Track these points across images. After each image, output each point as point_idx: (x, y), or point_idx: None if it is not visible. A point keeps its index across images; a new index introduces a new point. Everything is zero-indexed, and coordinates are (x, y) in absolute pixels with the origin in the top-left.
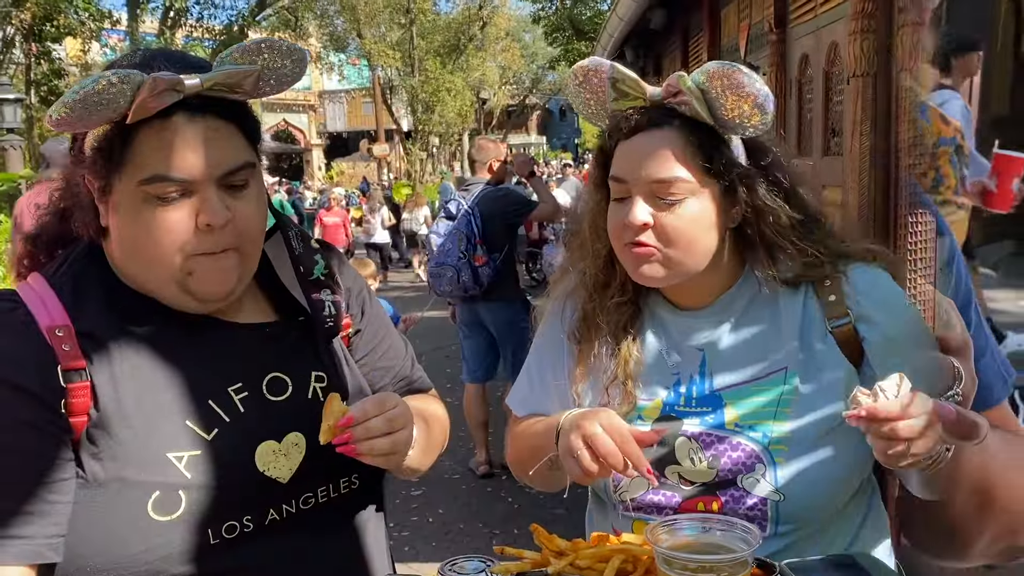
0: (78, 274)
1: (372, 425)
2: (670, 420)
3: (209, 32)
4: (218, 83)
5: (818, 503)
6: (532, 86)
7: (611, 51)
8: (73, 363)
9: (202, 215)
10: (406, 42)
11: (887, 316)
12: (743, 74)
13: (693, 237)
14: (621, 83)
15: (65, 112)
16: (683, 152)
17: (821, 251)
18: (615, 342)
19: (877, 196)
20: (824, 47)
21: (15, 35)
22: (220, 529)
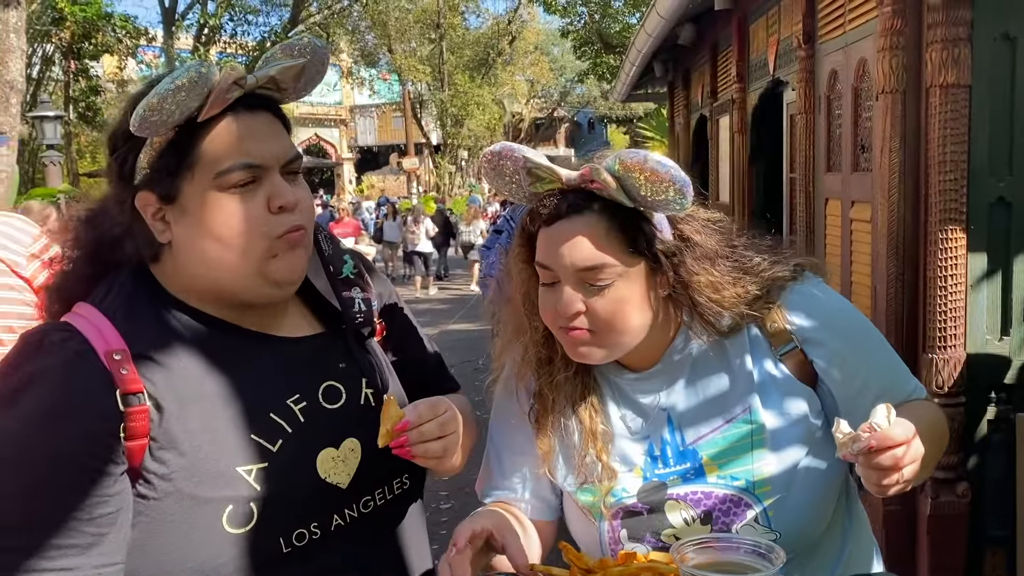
0: (128, 298)
1: (426, 429)
2: (652, 485)
3: (242, 48)
4: (271, 78)
5: (811, 530)
6: (560, 99)
7: (640, 66)
8: (132, 386)
9: (275, 199)
10: (436, 57)
11: (828, 332)
12: (657, 163)
13: (626, 317)
14: (536, 170)
15: (154, 109)
16: (605, 237)
17: (754, 289)
18: (575, 414)
19: (907, 213)
20: (853, 63)
21: (55, 53)
22: (291, 537)
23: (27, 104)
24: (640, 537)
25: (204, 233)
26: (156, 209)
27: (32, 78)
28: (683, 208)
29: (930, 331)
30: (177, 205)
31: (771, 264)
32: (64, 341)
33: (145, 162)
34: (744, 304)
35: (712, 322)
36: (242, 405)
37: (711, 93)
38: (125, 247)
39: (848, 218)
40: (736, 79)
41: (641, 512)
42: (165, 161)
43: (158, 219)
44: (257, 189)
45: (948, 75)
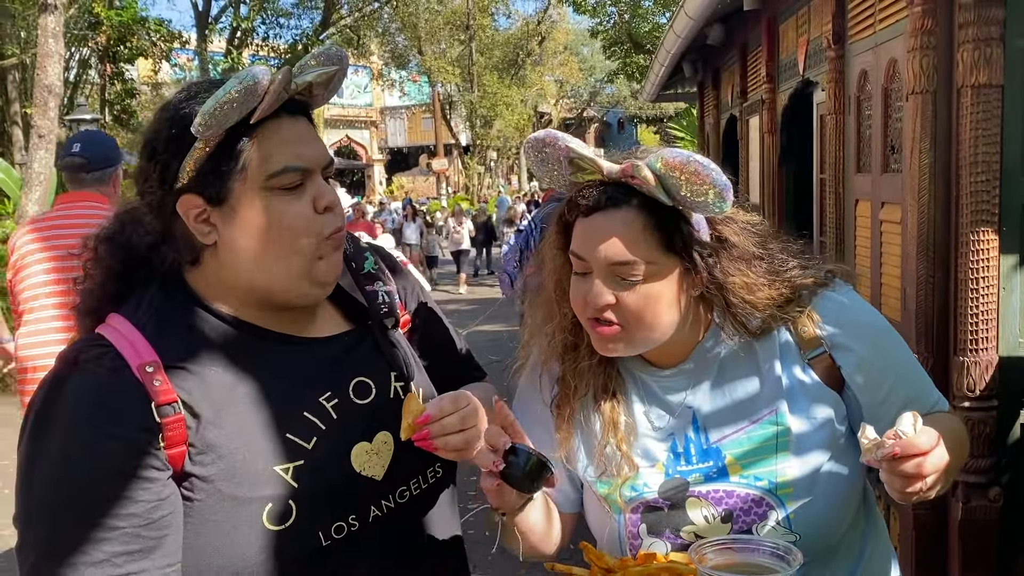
0: (159, 309)
1: (447, 422)
2: (675, 482)
3: (274, 51)
4: (309, 84)
5: (831, 532)
6: (590, 99)
7: (669, 66)
8: (165, 397)
9: (321, 199)
10: (465, 58)
11: (857, 340)
12: (700, 164)
13: (655, 313)
14: (578, 160)
15: (216, 113)
16: (642, 233)
17: (787, 294)
18: (597, 404)
19: (937, 215)
20: (883, 64)
21: (91, 57)
22: (330, 530)
23: (64, 107)
24: (660, 533)
25: (255, 233)
26: (200, 211)
27: (69, 81)
28: (722, 211)
29: (961, 334)
30: (226, 207)
31: (804, 269)
32: (99, 358)
33: (191, 165)
34: (776, 307)
35: (744, 323)
36: (276, 406)
37: (741, 93)
38: (156, 256)
39: (878, 219)
40: (766, 79)
41: (662, 508)
42: (215, 164)
43: (201, 221)
44: (303, 191)
45: (980, 75)
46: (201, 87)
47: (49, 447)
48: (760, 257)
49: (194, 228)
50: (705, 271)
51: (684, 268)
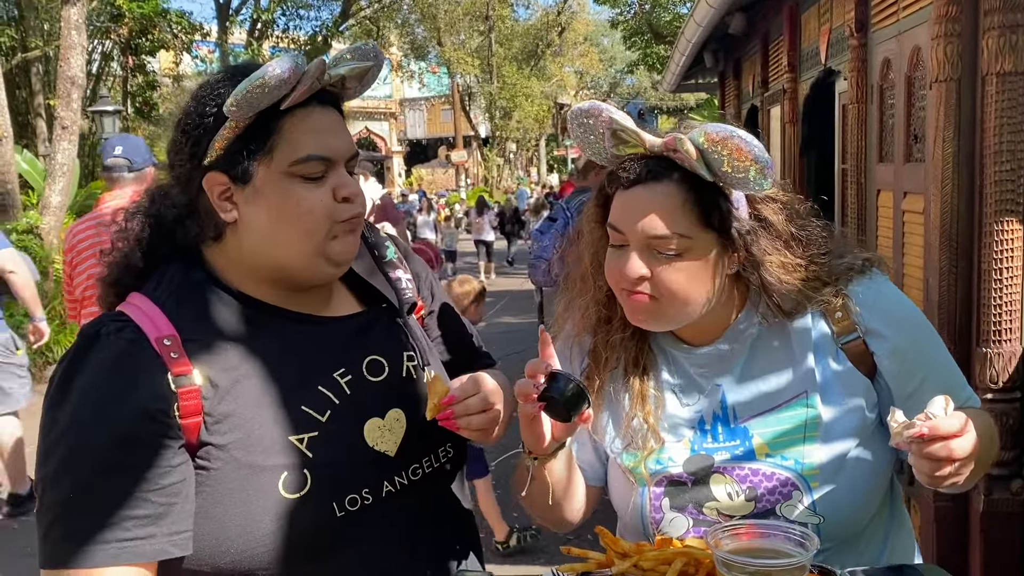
0: (179, 287)
1: (471, 403)
2: (700, 458)
3: (294, 42)
4: (342, 77)
5: (856, 518)
6: (610, 90)
7: (689, 56)
8: (181, 368)
9: (342, 189)
10: (485, 49)
11: (893, 328)
12: (743, 139)
13: (690, 290)
14: (621, 132)
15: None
16: (681, 207)
17: (822, 278)
18: (627, 377)
19: (961, 204)
20: (906, 51)
21: (113, 49)
22: (343, 502)
23: (87, 99)
24: (682, 508)
25: (275, 215)
26: (224, 189)
27: (91, 74)
28: (762, 188)
29: (984, 325)
30: (250, 187)
31: (841, 254)
32: (119, 331)
33: (220, 144)
34: (811, 289)
35: (779, 304)
36: (291, 380)
37: (762, 83)
38: (180, 230)
39: (900, 209)
40: (787, 69)
41: (685, 483)
42: (243, 144)
43: (224, 199)
44: (325, 180)
45: (1005, 62)
46: (239, 69)
47: (65, 413)
48: (798, 239)
49: (217, 205)
50: (742, 249)
51: (721, 245)
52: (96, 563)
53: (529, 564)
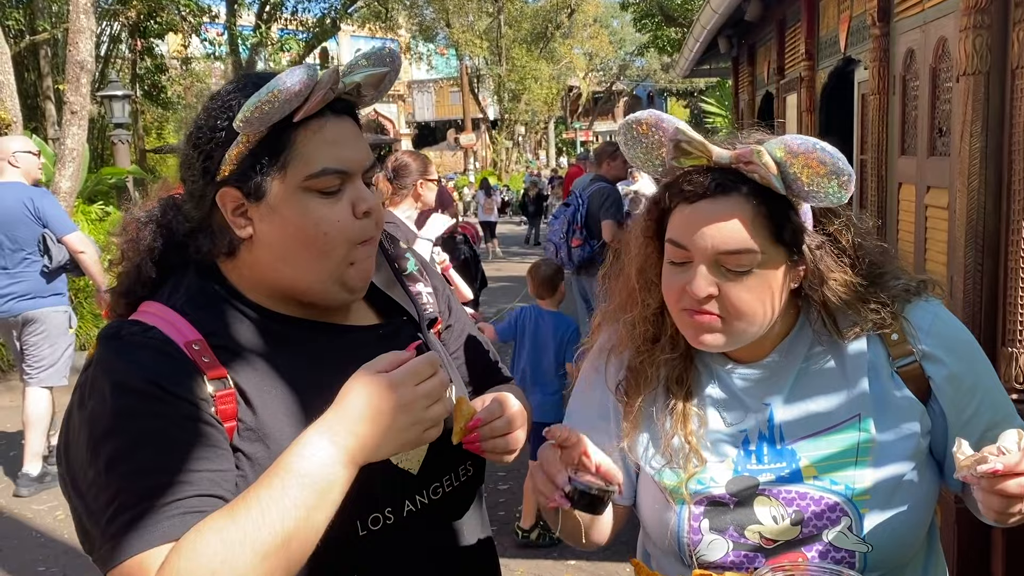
0: (196, 294)
1: (496, 425)
2: (743, 480)
3: (303, 24)
4: (357, 85)
5: (904, 548)
6: (619, 73)
7: (704, 42)
8: (216, 372)
9: (360, 203)
10: (494, 30)
11: (950, 353)
12: (824, 152)
13: (756, 308)
14: (686, 144)
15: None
16: (752, 222)
17: (880, 299)
18: (669, 397)
19: (987, 200)
20: (932, 43)
21: (121, 32)
22: (367, 521)
23: (96, 82)
24: (723, 530)
25: (291, 233)
26: (238, 205)
27: (100, 57)
28: (840, 201)
29: (1010, 324)
30: (264, 203)
31: (896, 275)
32: (144, 331)
33: (233, 159)
34: (870, 309)
35: (836, 322)
36: (314, 392)
37: (778, 70)
38: (193, 244)
39: (923, 204)
40: (805, 56)
41: (727, 504)
42: (255, 159)
43: (239, 215)
44: (342, 195)
45: None
46: (251, 80)
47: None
48: (860, 257)
49: (231, 221)
50: (812, 264)
51: (790, 260)
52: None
53: (541, 558)
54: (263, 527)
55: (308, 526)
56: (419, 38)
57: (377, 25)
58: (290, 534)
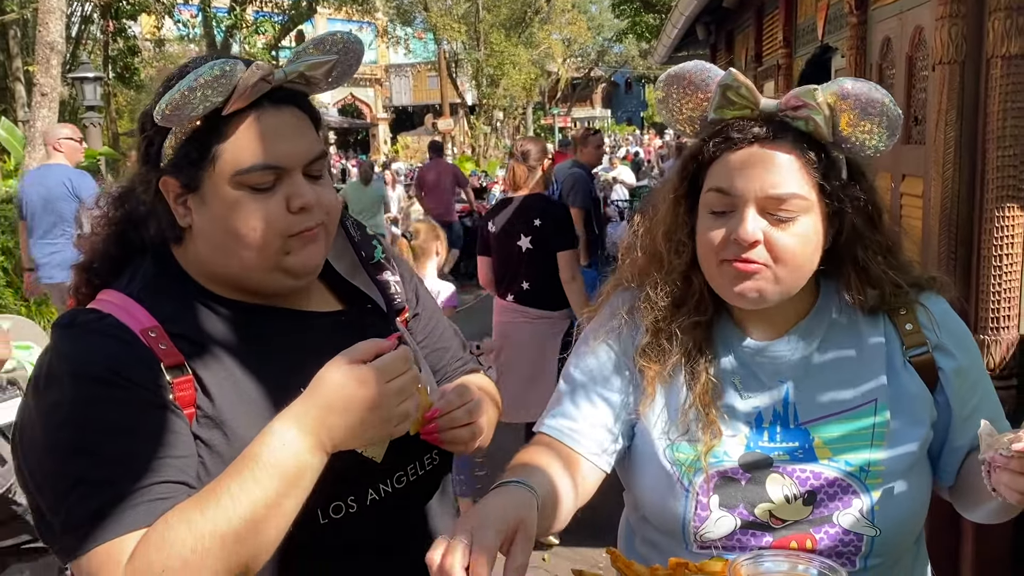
0: (151, 281)
1: (455, 416)
2: (756, 456)
3: (278, 7)
4: (301, 74)
5: (909, 534)
6: (598, 58)
7: (682, 29)
8: (173, 359)
9: (296, 199)
10: (472, 15)
11: (960, 348)
12: (880, 93)
13: (802, 256)
14: (733, 91)
15: (179, 104)
16: (800, 168)
17: (902, 279)
18: (689, 364)
19: (962, 189)
20: (908, 31)
21: (92, 12)
22: (328, 509)
23: (67, 64)
24: (732, 507)
25: (222, 227)
26: (178, 194)
27: (71, 38)
28: (885, 147)
29: (983, 312)
30: (198, 195)
31: (913, 263)
32: (99, 319)
33: (170, 148)
34: (893, 285)
35: (862, 291)
36: (274, 381)
37: (755, 58)
38: (149, 227)
39: (898, 192)
40: (782, 44)
41: (739, 480)
42: (187, 151)
43: (180, 204)
44: (277, 189)
45: (1011, 45)
46: (198, 64)
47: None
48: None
49: (174, 209)
50: (851, 218)
51: (831, 213)
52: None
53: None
54: (234, 517)
55: (279, 514)
56: (396, 22)
57: (354, 8)
58: (260, 522)
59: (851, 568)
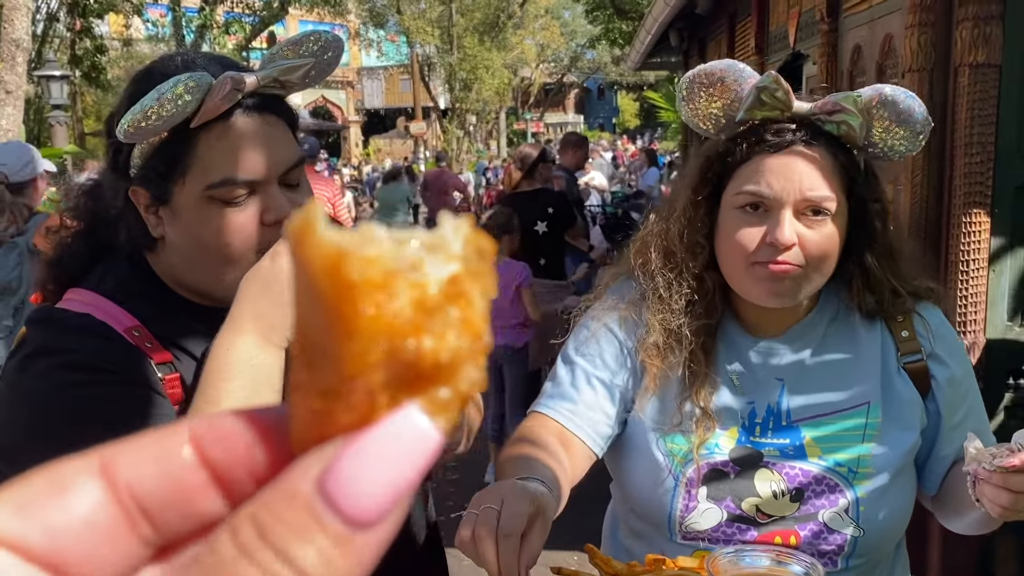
0: (125, 281)
1: None
2: (747, 450)
3: (249, 8)
4: (274, 79)
5: (891, 537)
6: (571, 64)
7: (655, 35)
8: (161, 356)
9: (270, 212)
10: (445, 19)
11: (953, 358)
12: (915, 101)
13: (832, 257)
14: (769, 93)
15: (141, 122)
16: (833, 172)
17: (902, 287)
18: (690, 362)
19: (930, 195)
20: (878, 39)
21: (59, 10)
22: None
23: (33, 62)
24: (720, 499)
25: (194, 241)
26: (148, 204)
27: (36, 36)
28: (911, 151)
29: (949, 316)
30: (169, 207)
31: (913, 272)
32: (79, 316)
33: (139, 158)
34: (892, 291)
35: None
36: None
37: None
38: (120, 231)
39: None
40: (754, 51)
41: (728, 474)
42: (157, 163)
43: (151, 214)
44: (251, 202)
45: (978, 54)
46: (167, 67)
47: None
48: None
49: (145, 218)
50: (873, 219)
51: (850, 216)
52: None
53: None
54: None
55: None
56: (369, 24)
57: (326, 10)
58: None
59: (832, 568)
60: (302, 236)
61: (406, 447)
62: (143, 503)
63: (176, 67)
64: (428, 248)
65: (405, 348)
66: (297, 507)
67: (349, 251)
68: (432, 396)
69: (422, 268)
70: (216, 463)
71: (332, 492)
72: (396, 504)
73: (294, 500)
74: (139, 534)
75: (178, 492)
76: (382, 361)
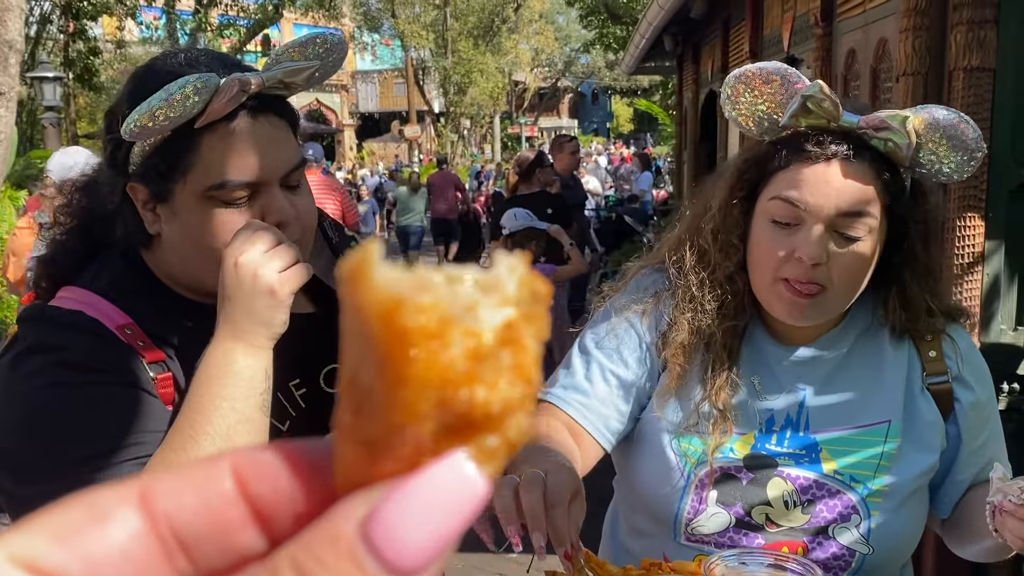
0: (119, 279)
1: None
2: (761, 457)
3: (243, 11)
4: (279, 81)
5: (899, 557)
6: (565, 69)
7: (650, 39)
8: (153, 355)
9: (271, 215)
10: (440, 23)
11: (979, 383)
12: (969, 126)
13: (859, 276)
14: (815, 102)
15: (148, 122)
16: (874, 188)
17: (936, 306)
18: (713, 364)
19: None
20: (872, 43)
21: (52, 12)
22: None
23: (26, 63)
24: (730, 504)
25: (192, 241)
26: (146, 200)
27: (29, 37)
28: (959, 177)
29: None
30: (168, 206)
31: (946, 292)
32: (71, 314)
33: (139, 156)
34: (925, 312)
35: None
36: None
37: (722, 68)
38: (116, 227)
39: None
40: (749, 55)
41: (740, 479)
42: (158, 161)
43: (148, 210)
44: (252, 203)
45: (972, 58)
46: (170, 64)
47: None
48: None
49: (143, 215)
50: (918, 241)
51: (890, 233)
52: None
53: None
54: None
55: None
56: (364, 27)
57: (321, 13)
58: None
59: None
60: (357, 278)
61: (453, 496)
62: (181, 535)
63: (179, 64)
64: (482, 288)
65: (457, 399)
66: (339, 551)
67: (405, 298)
68: (480, 444)
69: (476, 311)
70: (257, 498)
71: (375, 538)
72: (440, 554)
73: (336, 543)
74: (175, 567)
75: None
76: (433, 411)
